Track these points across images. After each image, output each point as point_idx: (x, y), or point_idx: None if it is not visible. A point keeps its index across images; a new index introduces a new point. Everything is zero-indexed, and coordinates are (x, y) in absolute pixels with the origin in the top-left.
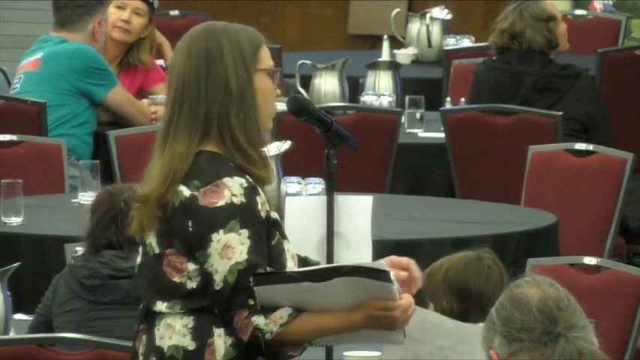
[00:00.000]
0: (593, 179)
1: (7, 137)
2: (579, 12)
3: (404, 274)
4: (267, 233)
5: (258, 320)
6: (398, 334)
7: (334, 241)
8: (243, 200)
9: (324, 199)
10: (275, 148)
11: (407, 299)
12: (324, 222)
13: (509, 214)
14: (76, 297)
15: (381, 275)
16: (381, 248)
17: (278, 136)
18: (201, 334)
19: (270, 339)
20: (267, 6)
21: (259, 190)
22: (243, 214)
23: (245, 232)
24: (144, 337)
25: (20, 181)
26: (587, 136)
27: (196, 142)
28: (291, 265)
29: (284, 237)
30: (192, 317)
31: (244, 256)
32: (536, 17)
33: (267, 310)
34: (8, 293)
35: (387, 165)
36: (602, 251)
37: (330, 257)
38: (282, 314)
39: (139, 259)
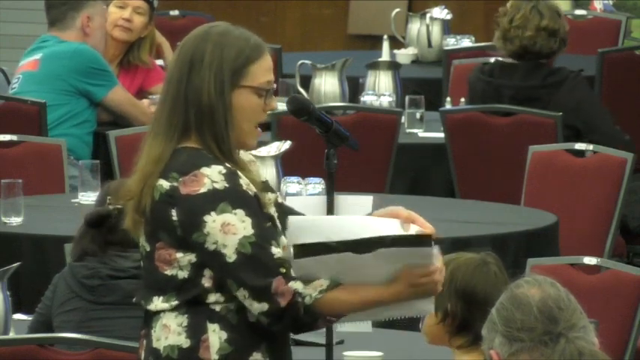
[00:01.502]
0: (593, 179)
1: (7, 137)
2: (579, 12)
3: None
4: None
5: (296, 285)
6: (430, 301)
7: None
8: (226, 185)
9: (324, 199)
10: (275, 148)
11: (439, 261)
12: None
13: (509, 214)
14: (75, 297)
15: (424, 241)
16: None
17: (278, 136)
18: (196, 331)
19: (310, 303)
20: (267, 6)
21: (240, 174)
22: (231, 197)
23: (240, 212)
24: (144, 342)
25: (20, 181)
26: (585, 138)
27: (175, 142)
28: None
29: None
30: (186, 315)
31: (251, 231)
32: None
33: (305, 281)
34: (8, 293)
35: (387, 165)
36: (602, 251)
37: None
38: (322, 282)
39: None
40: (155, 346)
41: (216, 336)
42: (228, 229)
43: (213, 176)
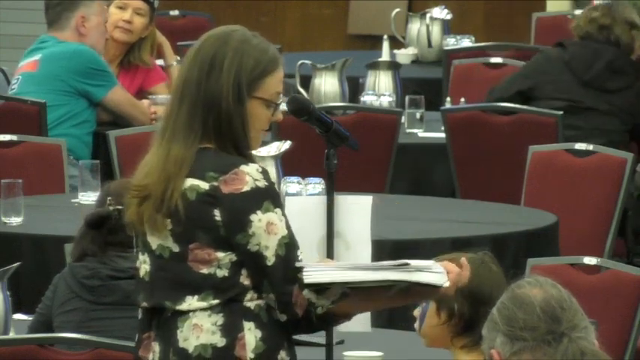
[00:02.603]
0: (593, 179)
1: (7, 137)
2: (579, 12)
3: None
4: None
5: (310, 294)
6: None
7: (334, 241)
8: (266, 183)
9: (324, 199)
10: (275, 148)
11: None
12: (324, 222)
13: (509, 214)
14: (75, 297)
15: (434, 287)
16: (381, 248)
17: (278, 136)
18: (231, 330)
19: (321, 313)
20: (267, 6)
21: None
22: (271, 195)
23: (279, 210)
24: (155, 345)
25: (20, 181)
26: (628, 135)
27: (197, 143)
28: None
29: None
30: (221, 314)
31: (285, 231)
32: (626, 20)
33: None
34: (8, 293)
35: (387, 165)
36: (602, 251)
37: (329, 257)
38: (334, 291)
39: (147, 267)
40: (182, 346)
41: (252, 334)
42: (272, 229)
43: (253, 174)
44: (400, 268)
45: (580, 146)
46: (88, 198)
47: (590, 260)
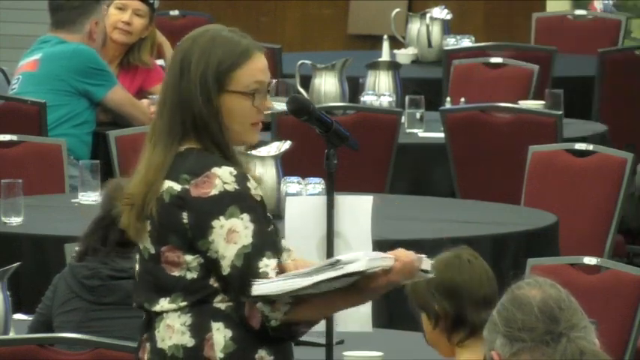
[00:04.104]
0: (593, 179)
1: (7, 137)
2: (579, 12)
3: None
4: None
5: (264, 307)
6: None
7: (334, 241)
8: (237, 187)
9: (324, 199)
10: (275, 148)
11: (399, 256)
12: (324, 222)
13: (509, 214)
14: (76, 297)
15: (359, 273)
16: (381, 248)
17: (278, 136)
18: (200, 330)
19: (276, 325)
20: (267, 6)
21: (249, 176)
22: (240, 200)
23: (246, 217)
24: (147, 345)
25: (20, 181)
26: None
27: (176, 146)
28: (285, 258)
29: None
30: (190, 314)
31: (249, 240)
32: None
33: (270, 301)
34: (8, 293)
35: (387, 165)
36: (602, 251)
37: (330, 257)
38: (283, 301)
39: (137, 267)
40: (160, 346)
41: (220, 334)
42: (231, 238)
43: (224, 177)
44: (333, 267)
45: (580, 146)
46: (88, 198)
47: (590, 260)
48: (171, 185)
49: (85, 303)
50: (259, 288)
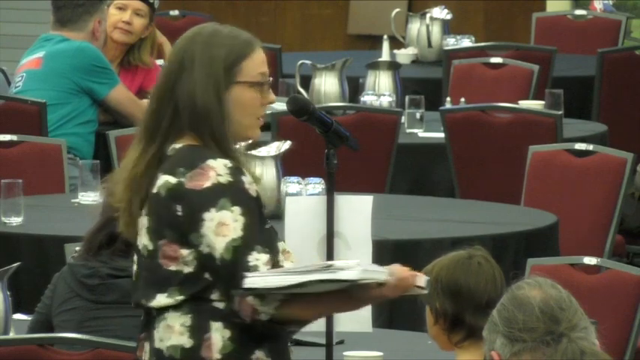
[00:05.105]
0: (593, 179)
1: (7, 137)
2: (579, 12)
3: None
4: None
5: (254, 301)
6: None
7: (334, 241)
8: (230, 179)
9: (324, 199)
10: (275, 148)
11: (394, 272)
12: (324, 222)
13: (509, 214)
14: (75, 296)
15: (350, 281)
16: (381, 248)
17: (278, 136)
18: (198, 331)
19: (266, 319)
20: (267, 6)
21: (244, 171)
22: (232, 192)
23: (237, 209)
24: (146, 345)
25: (20, 181)
26: None
27: (171, 142)
28: (281, 259)
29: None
30: (190, 315)
31: (239, 233)
32: None
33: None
34: (8, 293)
35: (387, 165)
36: (602, 251)
37: (330, 257)
38: (275, 296)
39: (134, 267)
40: (158, 346)
41: (219, 334)
42: (220, 231)
43: (218, 169)
44: (325, 270)
45: (580, 146)
46: (88, 198)
47: (590, 260)
48: (167, 179)
49: (84, 302)
50: (252, 281)
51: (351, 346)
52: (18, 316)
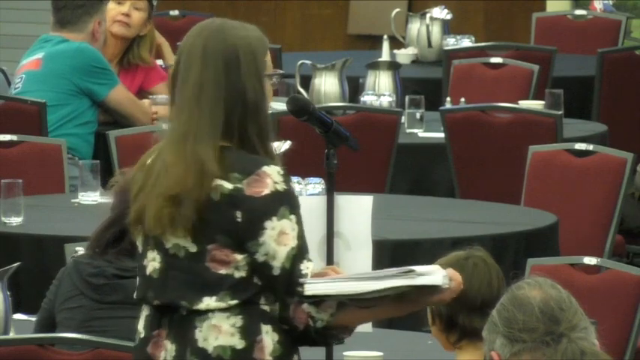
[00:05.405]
0: (593, 179)
1: (7, 137)
2: (579, 12)
3: None
4: None
5: (310, 308)
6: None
7: (334, 241)
8: (285, 187)
9: (324, 199)
10: (275, 148)
11: (454, 277)
12: (324, 222)
13: (509, 214)
14: (79, 294)
15: (433, 287)
16: (381, 248)
17: (278, 136)
18: (250, 332)
19: (321, 327)
20: (267, 6)
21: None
22: (289, 200)
23: (294, 218)
24: (168, 343)
25: (20, 181)
26: None
27: (219, 142)
28: None
29: None
30: (240, 316)
31: (296, 242)
32: None
33: (317, 302)
34: (8, 293)
35: (387, 165)
36: (602, 251)
37: (329, 257)
38: (331, 303)
39: (157, 265)
40: (202, 346)
41: (269, 337)
42: (282, 240)
43: (274, 176)
44: (405, 275)
45: (580, 146)
46: (88, 198)
47: (590, 260)
48: (220, 183)
49: (88, 301)
50: (312, 287)
51: (351, 346)
52: (18, 316)
